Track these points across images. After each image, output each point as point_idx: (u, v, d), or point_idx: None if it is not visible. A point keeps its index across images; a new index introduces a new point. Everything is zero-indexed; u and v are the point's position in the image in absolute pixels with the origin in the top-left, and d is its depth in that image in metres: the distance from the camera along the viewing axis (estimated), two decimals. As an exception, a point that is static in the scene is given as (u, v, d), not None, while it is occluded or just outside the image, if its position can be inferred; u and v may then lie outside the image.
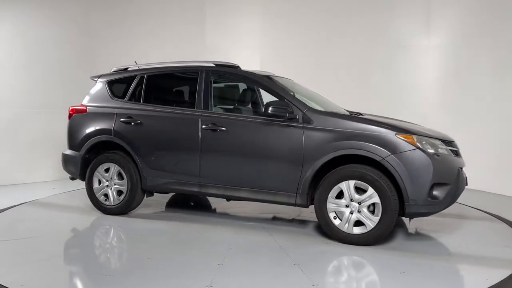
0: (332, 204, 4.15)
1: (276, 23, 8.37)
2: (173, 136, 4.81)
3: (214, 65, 4.93)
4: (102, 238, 4.51)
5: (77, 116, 5.36)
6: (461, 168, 4.29)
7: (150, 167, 4.90)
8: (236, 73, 4.86)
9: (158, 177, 4.90)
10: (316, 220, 4.31)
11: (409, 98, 7.68)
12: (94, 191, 5.19)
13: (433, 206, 3.96)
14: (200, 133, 4.65)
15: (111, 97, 5.27)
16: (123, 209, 5.09)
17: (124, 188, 5.04)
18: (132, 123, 4.98)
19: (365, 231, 4.05)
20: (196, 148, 4.66)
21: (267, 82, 4.65)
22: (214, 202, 5.95)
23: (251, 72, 4.80)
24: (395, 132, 4.04)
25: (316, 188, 4.25)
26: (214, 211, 5.59)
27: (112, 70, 5.56)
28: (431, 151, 4.00)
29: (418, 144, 3.97)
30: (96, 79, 5.50)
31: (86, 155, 5.24)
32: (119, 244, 4.23)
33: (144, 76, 5.19)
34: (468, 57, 7.15)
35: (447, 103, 7.46)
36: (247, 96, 5.30)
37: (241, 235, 4.39)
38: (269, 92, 4.61)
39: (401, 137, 4.00)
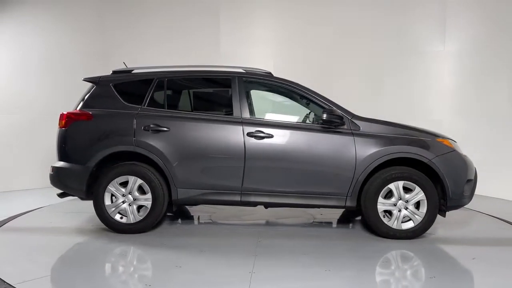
0: (381, 204, 4.49)
1: (289, 30, 8.36)
2: (211, 144, 4.54)
3: (244, 71, 4.84)
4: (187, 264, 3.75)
5: (80, 124, 4.65)
6: None
7: (182, 178, 4.54)
8: (272, 80, 4.83)
9: (193, 189, 4.57)
10: (325, 220, 4.60)
11: (425, 103, 7.89)
12: (106, 208, 4.57)
13: (464, 200, 4.60)
14: (244, 140, 4.51)
15: (123, 102, 4.71)
16: (145, 227, 4.60)
17: (147, 203, 4.56)
18: (159, 131, 4.55)
19: (412, 226, 4.49)
20: (239, 155, 4.50)
21: (306, 89, 4.75)
22: (196, 210, 5.76)
23: (286, 80, 4.84)
24: (435, 137, 4.59)
25: (363, 190, 4.53)
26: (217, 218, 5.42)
27: (112, 72, 4.97)
28: (461, 152, 4.66)
29: (454, 147, 4.59)
30: (96, 81, 4.84)
31: (94, 168, 4.58)
32: (210, 270, 3.65)
33: (164, 80, 4.78)
34: (483, 62, 7.24)
35: (462, 109, 7.57)
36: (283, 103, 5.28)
37: (301, 241, 4.43)
38: (309, 100, 4.74)
39: (440, 141, 4.57)
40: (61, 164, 4.68)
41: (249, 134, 4.51)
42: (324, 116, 4.44)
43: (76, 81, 5.60)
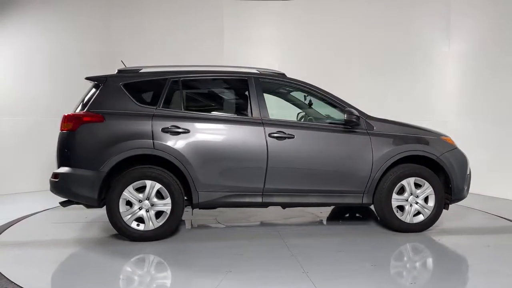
0: (395, 200, 4.71)
1: (293, 31, 8.34)
2: (234, 145, 4.46)
3: (258, 72, 4.82)
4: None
5: (90, 126, 4.32)
6: None
7: (204, 181, 4.40)
8: (286, 80, 4.86)
9: (214, 191, 4.45)
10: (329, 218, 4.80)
11: (430, 104, 7.89)
12: (121, 215, 4.29)
13: (464, 193, 4.97)
14: (266, 141, 4.49)
15: (135, 103, 4.46)
16: (164, 233, 4.39)
17: (166, 208, 4.36)
18: (179, 133, 4.37)
19: (423, 219, 4.76)
20: (262, 156, 4.48)
21: (320, 90, 4.84)
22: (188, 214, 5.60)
23: (300, 80, 4.89)
24: (439, 135, 4.91)
25: (378, 187, 4.72)
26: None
27: (118, 71, 4.69)
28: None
29: (455, 144, 4.95)
30: (103, 80, 4.52)
31: (107, 174, 4.28)
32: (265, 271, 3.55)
33: (178, 80, 4.60)
34: (489, 62, 7.16)
35: (468, 110, 7.53)
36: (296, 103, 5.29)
37: (326, 239, 4.51)
38: (323, 101, 4.84)
39: (444, 139, 4.91)
40: (67, 170, 4.31)
41: (271, 135, 4.51)
42: (346, 116, 4.57)
43: (79, 82, 5.27)
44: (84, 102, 4.59)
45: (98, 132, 4.32)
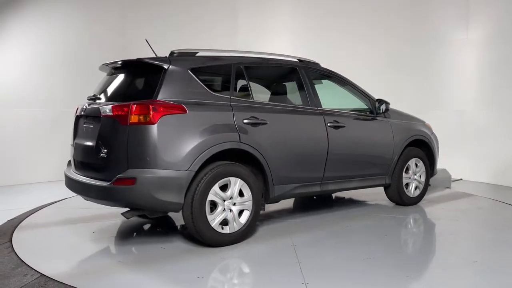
0: (404, 178, 5.46)
1: (308, 23, 8.01)
2: (303, 136, 4.43)
3: (298, 61, 4.82)
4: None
5: (173, 118, 3.61)
6: None
7: (279, 175, 4.23)
8: (326, 70, 4.99)
9: (286, 184, 4.33)
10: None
11: (447, 93, 7.71)
12: (208, 219, 3.76)
13: (436, 169, 6.06)
14: (326, 131, 4.59)
15: (209, 91, 3.92)
16: (248, 233, 4.06)
17: (247, 206, 4.02)
18: (258, 125, 4.06)
19: (419, 193, 5.66)
20: (324, 145, 4.57)
21: (351, 81, 5.15)
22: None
23: (333, 71, 5.08)
24: (423, 121, 5.85)
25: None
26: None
27: (171, 53, 4.02)
28: (432, 132, 6.09)
29: (433, 129, 5.98)
30: (166, 65, 3.78)
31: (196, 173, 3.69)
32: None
33: (241, 67, 4.23)
34: (508, 50, 6.91)
35: (486, 99, 7.29)
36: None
37: (361, 221, 4.90)
38: (351, 91, 5.16)
39: (427, 125, 5.87)
40: (147, 172, 3.51)
41: (329, 125, 4.63)
42: (385, 106, 5.08)
43: (96, 74, 4.43)
44: (119, 90, 3.92)
45: (183, 125, 3.65)
